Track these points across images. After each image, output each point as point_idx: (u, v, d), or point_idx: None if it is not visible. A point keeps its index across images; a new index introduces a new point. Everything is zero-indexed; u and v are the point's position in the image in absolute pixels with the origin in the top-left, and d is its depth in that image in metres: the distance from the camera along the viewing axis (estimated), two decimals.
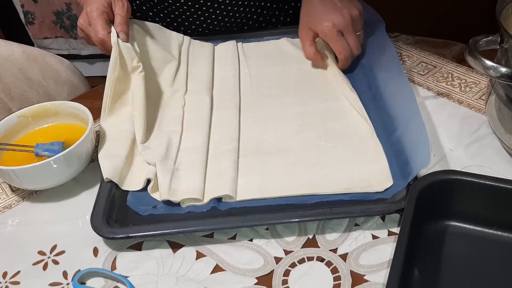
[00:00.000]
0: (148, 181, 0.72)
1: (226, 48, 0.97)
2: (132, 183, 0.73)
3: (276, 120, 0.81)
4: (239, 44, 0.99)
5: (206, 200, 0.69)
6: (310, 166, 0.73)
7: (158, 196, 0.70)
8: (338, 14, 0.84)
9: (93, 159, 0.79)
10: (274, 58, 0.95)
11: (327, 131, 0.78)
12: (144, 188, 0.72)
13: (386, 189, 0.68)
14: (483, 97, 0.82)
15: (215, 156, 0.76)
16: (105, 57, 0.82)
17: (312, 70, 0.91)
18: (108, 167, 0.73)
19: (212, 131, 0.80)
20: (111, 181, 0.72)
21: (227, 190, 0.69)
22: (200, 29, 1.03)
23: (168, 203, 0.69)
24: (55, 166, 0.71)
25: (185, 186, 0.70)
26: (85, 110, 0.78)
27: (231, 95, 0.86)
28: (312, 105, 0.83)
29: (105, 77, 0.82)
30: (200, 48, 0.97)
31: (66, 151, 0.71)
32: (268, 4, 1.03)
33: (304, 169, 0.72)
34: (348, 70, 0.89)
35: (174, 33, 0.97)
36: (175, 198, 0.69)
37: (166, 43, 0.93)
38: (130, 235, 0.65)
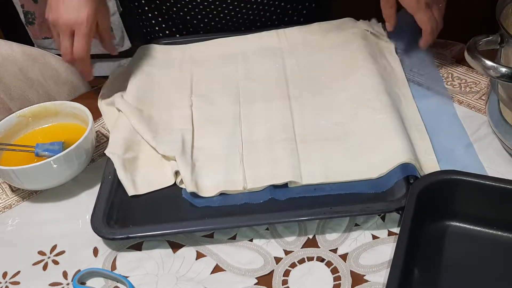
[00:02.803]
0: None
1: (261, 39, 0.95)
2: (162, 181, 0.73)
3: (331, 105, 0.80)
4: (279, 33, 0.95)
5: (263, 185, 0.69)
6: (371, 149, 0.72)
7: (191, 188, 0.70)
8: None
9: (93, 159, 0.79)
10: (320, 44, 0.93)
11: (384, 112, 0.76)
12: None
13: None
14: (483, 97, 0.82)
15: (270, 145, 0.75)
16: (105, 57, 0.82)
17: (363, 55, 0.87)
18: (140, 183, 0.73)
19: (257, 122, 0.79)
20: (111, 181, 0.72)
21: (290, 176, 0.69)
22: (208, 27, 1.03)
23: (224, 195, 0.69)
24: (55, 166, 0.71)
25: (209, 177, 0.71)
26: (85, 110, 0.78)
27: (276, 86, 0.85)
28: (368, 86, 0.81)
29: (105, 77, 0.82)
30: (208, 49, 0.95)
31: (66, 151, 0.71)
32: (282, 4, 1.03)
33: (364, 153, 0.72)
34: None
35: (176, 47, 0.96)
36: (202, 193, 0.69)
37: (168, 58, 0.93)
38: (130, 235, 0.65)
